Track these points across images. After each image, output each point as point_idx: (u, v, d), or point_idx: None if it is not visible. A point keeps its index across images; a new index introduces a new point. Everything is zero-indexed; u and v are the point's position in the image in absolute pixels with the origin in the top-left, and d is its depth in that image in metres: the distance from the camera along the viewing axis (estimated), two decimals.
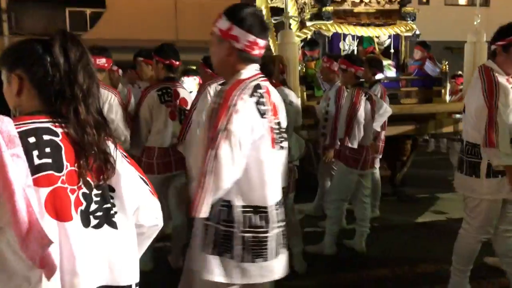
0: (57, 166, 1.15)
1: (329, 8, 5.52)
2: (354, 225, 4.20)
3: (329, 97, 4.57)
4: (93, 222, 1.21)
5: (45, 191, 1.11)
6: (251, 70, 1.80)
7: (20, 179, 1.05)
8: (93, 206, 1.21)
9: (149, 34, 12.66)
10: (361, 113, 3.77)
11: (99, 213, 1.22)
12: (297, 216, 4.91)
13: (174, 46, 3.56)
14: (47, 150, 1.14)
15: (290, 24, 5.50)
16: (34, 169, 1.11)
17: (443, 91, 5.62)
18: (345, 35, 5.64)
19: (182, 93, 3.49)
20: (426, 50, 5.71)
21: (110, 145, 1.28)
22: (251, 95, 1.73)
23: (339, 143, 3.97)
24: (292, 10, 5.49)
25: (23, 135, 1.11)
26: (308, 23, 5.73)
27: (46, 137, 1.16)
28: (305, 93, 5.31)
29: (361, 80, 3.87)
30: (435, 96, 5.63)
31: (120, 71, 5.43)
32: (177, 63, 3.48)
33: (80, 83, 1.21)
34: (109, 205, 1.25)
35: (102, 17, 13.98)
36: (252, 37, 1.75)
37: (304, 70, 5.39)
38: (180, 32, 13.98)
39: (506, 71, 2.83)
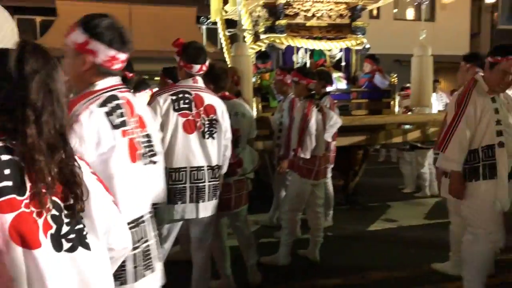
0: (19, 188, 1.03)
1: (283, 22, 5.62)
2: (308, 235, 4.25)
3: (283, 108, 4.63)
4: (66, 245, 1.09)
5: (8, 218, 1.00)
6: (108, 82, 1.73)
7: None
8: (65, 229, 1.10)
9: None
10: (313, 124, 3.85)
11: (72, 236, 1.11)
12: (253, 227, 4.95)
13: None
14: (6, 172, 1.03)
15: (244, 37, 5.56)
16: None
17: (392, 102, 5.82)
18: (298, 48, 5.75)
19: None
20: (375, 63, 5.90)
21: (77, 162, 1.17)
22: (101, 105, 1.65)
23: (292, 153, 4.03)
24: (246, 23, 5.54)
25: None
26: (262, 36, 5.81)
27: (4, 157, 1.04)
28: (260, 104, 5.37)
29: (312, 92, 3.95)
30: (384, 107, 5.82)
31: None
32: (130, 74, 3.43)
33: (32, 101, 1.06)
34: (81, 226, 1.15)
35: (53, 25, 13.58)
36: (112, 52, 1.68)
37: (258, 82, 5.46)
38: (135, 42, 13.76)
39: (489, 85, 2.98)
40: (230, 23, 6.62)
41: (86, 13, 1.78)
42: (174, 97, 2.67)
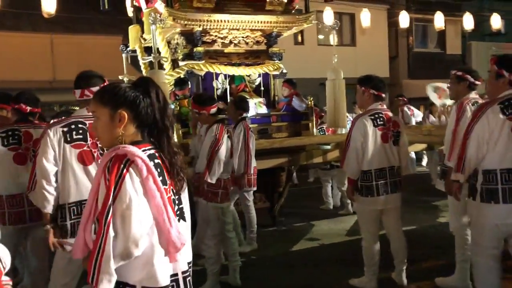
0: (164, 181, 1.64)
1: (200, 49, 5.68)
2: (226, 261, 4.23)
3: (201, 134, 4.65)
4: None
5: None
6: None
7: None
8: (176, 207, 1.77)
9: (25, 75, 11.99)
10: (223, 150, 3.89)
11: (179, 212, 1.77)
12: None
13: (31, 94, 3.40)
14: (159, 170, 1.63)
15: (162, 64, 5.55)
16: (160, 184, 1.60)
17: (310, 124, 6.02)
18: (217, 74, 5.82)
19: (37, 134, 3.28)
20: (292, 87, 6.10)
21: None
22: None
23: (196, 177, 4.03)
24: (163, 50, 5.56)
25: (150, 159, 1.60)
26: (181, 63, 5.84)
27: (156, 161, 1.64)
28: (180, 131, 5.36)
29: (219, 116, 4.00)
30: (303, 129, 6.01)
31: None
32: (31, 108, 3.29)
33: (168, 116, 1.70)
34: (182, 205, 1.78)
35: None
36: None
37: (177, 109, 5.45)
38: (57, 71, 13.34)
39: None
40: (150, 50, 6.58)
41: (7, 44, 1.94)
42: (65, 129, 2.62)
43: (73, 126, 2.64)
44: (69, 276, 2.73)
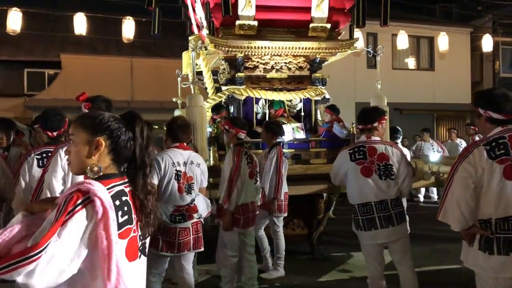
0: (129, 220, 1.58)
1: (241, 74, 5.82)
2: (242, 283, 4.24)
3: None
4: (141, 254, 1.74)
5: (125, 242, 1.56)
6: None
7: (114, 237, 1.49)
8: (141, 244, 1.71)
9: (104, 95, 12.93)
10: (242, 175, 3.94)
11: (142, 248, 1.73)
12: (204, 276, 4.96)
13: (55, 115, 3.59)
14: (125, 209, 1.57)
15: (203, 88, 5.78)
16: (119, 226, 1.52)
17: None
18: (258, 99, 5.92)
19: None
20: (334, 113, 6.01)
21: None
22: None
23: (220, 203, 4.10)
24: (206, 76, 5.79)
25: (116, 197, 1.54)
26: (223, 88, 6.02)
27: (123, 199, 1.58)
28: (216, 153, 5.50)
29: (241, 141, 4.07)
30: None
31: None
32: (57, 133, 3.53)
33: (149, 154, 1.68)
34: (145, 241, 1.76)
35: (57, 77, 14.28)
36: None
37: (215, 131, 5.61)
38: (135, 92, 14.32)
39: None
40: (201, 75, 6.87)
41: (90, 66, 2.11)
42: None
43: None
44: None
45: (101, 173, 1.58)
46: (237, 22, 5.59)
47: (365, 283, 4.86)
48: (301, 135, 5.82)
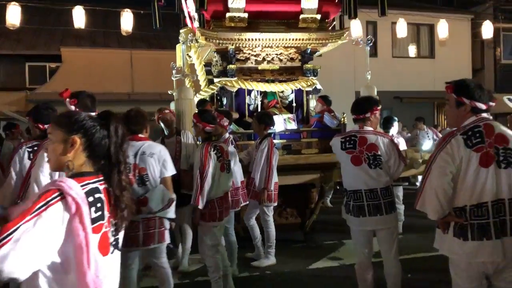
0: (101, 216, 1.63)
1: (233, 66, 5.90)
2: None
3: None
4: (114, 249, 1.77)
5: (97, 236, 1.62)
6: None
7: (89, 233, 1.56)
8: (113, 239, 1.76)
9: (104, 87, 13.05)
10: (209, 172, 3.87)
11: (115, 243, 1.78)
12: (197, 265, 5.07)
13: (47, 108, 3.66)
14: (98, 205, 1.63)
15: (191, 81, 5.86)
16: (92, 221, 1.58)
17: None
18: (250, 90, 5.99)
19: None
20: (326, 104, 6.07)
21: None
22: None
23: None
24: (198, 68, 5.87)
25: (89, 194, 1.60)
26: (215, 80, 6.10)
27: (96, 196, 1.63)
28: None
29: (210, 135, 4.04)
30: None
31: None
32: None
33: (124, 152, 1.75)
34: (118, 236, 1.81)
35: (58, 70, 14.39)
36: None
37: None
38: (135, 84, 14.41)
39: None
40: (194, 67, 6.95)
41: (90, 59, 2.14)
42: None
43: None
44: None
45: (75, 171, 1.65)
46: (228, 14, 5.65)
47: (353, 270, 4.99)
48: (293, 125, 5.90)
